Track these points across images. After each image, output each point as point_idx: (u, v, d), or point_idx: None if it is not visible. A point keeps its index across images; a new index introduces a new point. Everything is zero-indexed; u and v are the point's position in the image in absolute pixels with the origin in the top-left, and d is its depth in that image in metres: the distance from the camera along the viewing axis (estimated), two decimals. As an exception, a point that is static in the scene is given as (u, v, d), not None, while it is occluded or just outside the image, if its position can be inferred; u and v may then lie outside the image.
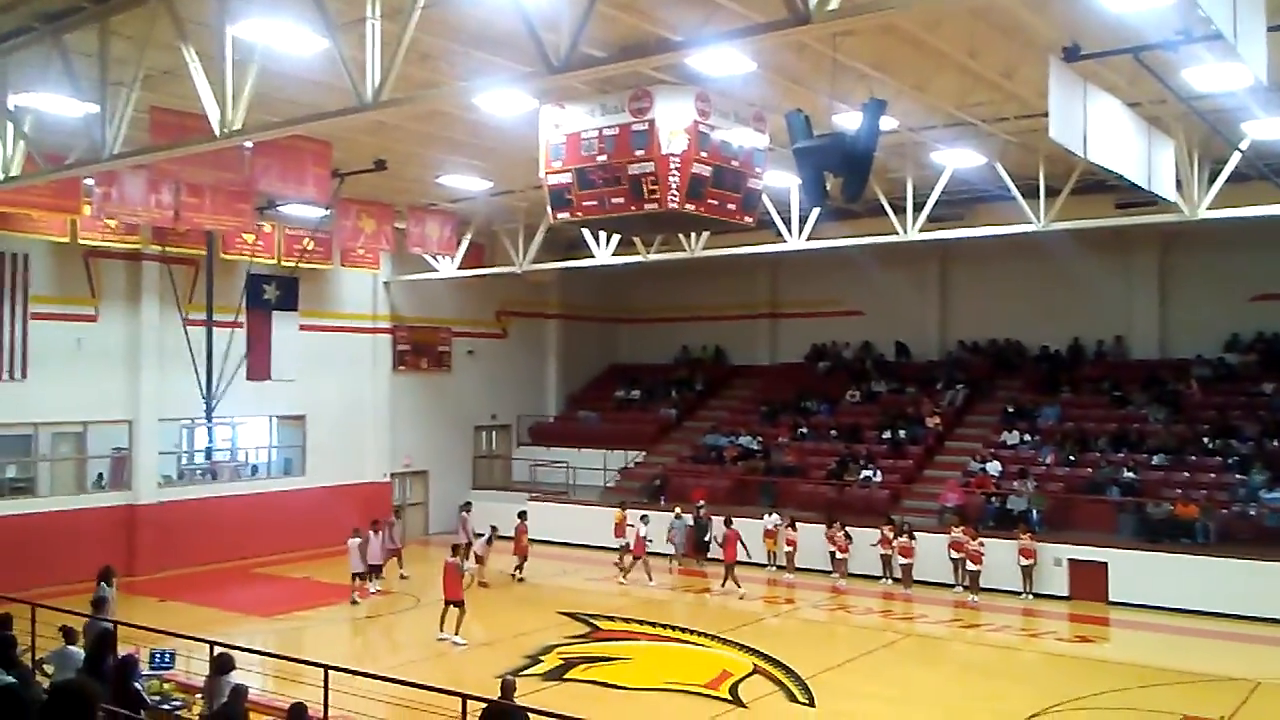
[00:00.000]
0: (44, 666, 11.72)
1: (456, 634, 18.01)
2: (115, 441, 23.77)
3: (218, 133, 12.14)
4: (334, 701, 11.22)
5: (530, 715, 10.47)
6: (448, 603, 18.31)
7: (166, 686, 13.08)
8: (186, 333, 23.45)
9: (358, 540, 21.38)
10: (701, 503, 25.78)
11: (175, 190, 19.03)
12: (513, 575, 23.74)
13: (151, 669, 12.83)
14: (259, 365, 24.94)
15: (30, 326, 21.70)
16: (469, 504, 25.93)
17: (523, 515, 24.44)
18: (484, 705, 10.32)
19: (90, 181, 18.60)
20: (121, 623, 13.57)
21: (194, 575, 22.75)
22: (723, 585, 22.36)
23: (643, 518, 24.07)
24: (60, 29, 12.77)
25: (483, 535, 23.41)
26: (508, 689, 10.63)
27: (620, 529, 25.07)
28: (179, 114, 14.46)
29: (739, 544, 22.68)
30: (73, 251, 22.12)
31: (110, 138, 13.42)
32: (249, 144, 15.65)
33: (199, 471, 25.73)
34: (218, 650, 11.64)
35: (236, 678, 11.12)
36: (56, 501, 22.38)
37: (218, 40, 11.46)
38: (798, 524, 23.99)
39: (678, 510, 25.03)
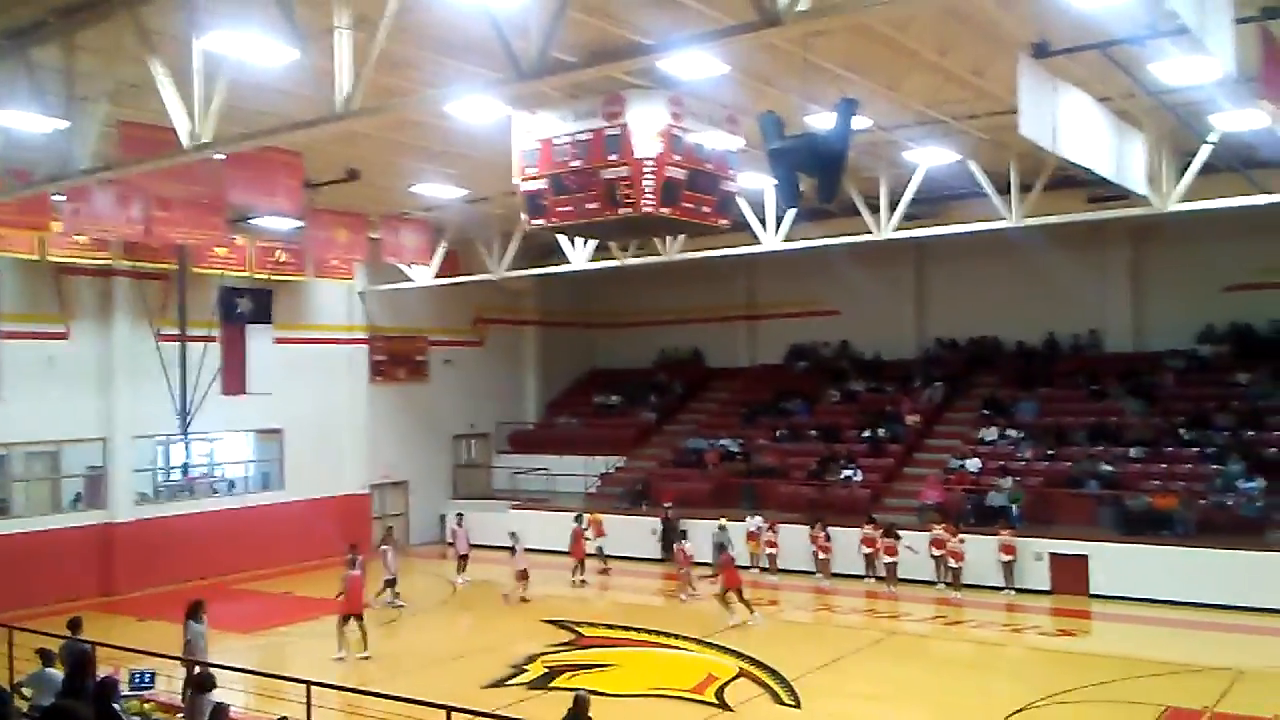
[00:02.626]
0: (22, 690, 11.55)
1: (365, 649, 17.71)
2: (90, 460, 23.53)
3: (187, 146, 12.04)
4: (317, 717, 11.11)
5: None
6: (346, 617, 17.78)
7: (147, 707, 12.92)
8: (159, 348, 23.26)
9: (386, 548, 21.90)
10: (669, 504, 25.80)
11: (145, 204, 18.81)
12: (576, 582, 23.95)
13: (131, 689, 12.66)
14: (234, 379, 24.73)
15: (1, 346, 21.44)
16: (461, 515, 25.76)
17: (579, 519, 24.60)
18: None
19: (59, 197, 18.37)
20: (133, 649, 13.42)
21: (173, 593, 22.43)
22: (734, 618, 19.74)
23: (721, 527, 23.65)
24: (26, 44, 12.63)
25: (512, 547, 22.61)
26: (582, 705, 10.20)
27: (599, 530, 25.22)
28: (148, 128, 14.31)
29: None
30: (42, 269, 21.88)
31: (79, 153, 13.31)
32: (219, 156, 15.49)
33: (176, 488, 25.46)
34: (198, 669, 11.52)
35: (218, 696, 10.99)
36: (32, 522, 22.11)
37: (185, 53, 11.36)
38: (778, 526, 24.03)
39: (721, 523, 23.86)
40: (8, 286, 21.68)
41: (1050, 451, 24.46)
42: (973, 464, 24.61)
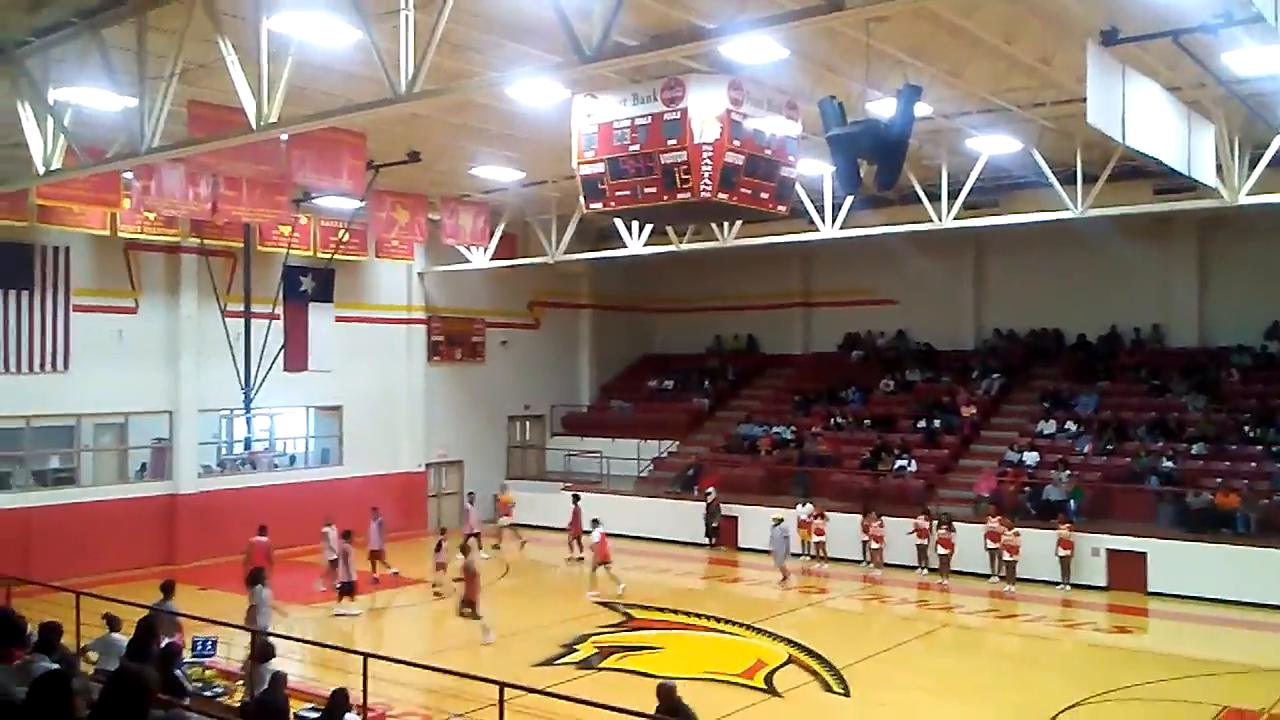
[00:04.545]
0: (88, 653, 11.90)
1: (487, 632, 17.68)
2: (156, 432, 24.11)
3: (254, 125, 12.23)
4: (373, 689, 11.32)
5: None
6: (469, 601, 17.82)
7: (208, 673, 13.24)
8: (225, 324, 23.71)
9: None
10: (711, 490, 25.89)
11: (213, 183, 19.24)
12: (573, 559, 24.52)
13: (193, 656, 13.00)
14: (296, 356, 25.15)
15: (71, 318, 22.02)
16: (472, 494, 26.44)
17: (576, 499, 25.41)
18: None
19: (129, 175, 18.84)
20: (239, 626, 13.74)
21: (234, 564, 22.82)
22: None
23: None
24: (99, 24, 12.92)
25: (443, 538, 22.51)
26: (664, 694, 9.98)
27: (505, 509, 25.97)
28: (216, 107, 14.59)
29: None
30: (112, 244, 22.43)
31: (149, 131, 13.57)
32: (285, 136, 15.76)
33: (238, 461, 26.00)
34: (259, 638, 11.78)
35: (276, 665, 11.25)
36: (99, 491, 22.73)
37: (253, 33, 11.56)
38: (828, 514, 23.97)
39: (778, 518, 23.24)
40: (80, 261, 22.23)
41: (1110, 446, 24.08)
42: (1030, 457, 24.30)
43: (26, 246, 21.35)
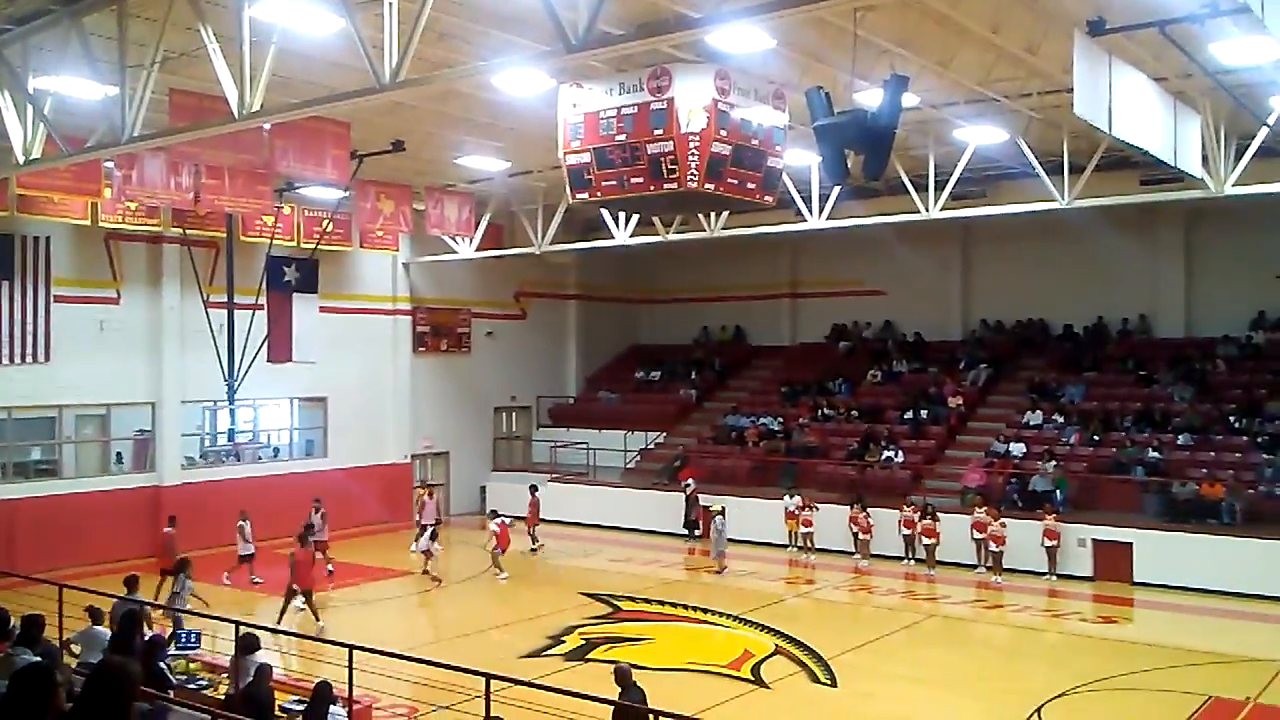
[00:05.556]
0: (71, 646, 11.81)
1: (317, 620, 17.50)
2: (138, 423, 23.95)
3: (236, 114, 12.13)
4: (358, 681, 11.25)
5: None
6: (301, 592, 17.65)
7: (192, 666, 13.17)
8: (208, 315, 23.54)
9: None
10: (689, 482, 25.85)
11: (195, 172, 19.10)
12: (536, 548, 24.51)
13: (178, 648, 12.92)
14: (280, 347, 25.00)
15: (53, 309, 21.83)
16: (432, 486, 26.62)
17: (534, 489, 25.48)
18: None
19: (110, 164, 18.66)
20: (170, 608, 13.68)
21: (217, 556, 22.79)
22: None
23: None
24: (79, 11, 12.78)
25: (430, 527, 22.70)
26: (621, 677, 10.22)
27: (422, 510, 24.91)
28: (198, 96, 14.47)
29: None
30: (94, 234, 22.23)
31: (130, 120, 13.43)
32: (268, 125, 15.63)
33: (222, 453, 25.85)
34: (243, 630, 11.71)
35: (261, 657, 11.18)
36: (81, 483, 22.58)
37: (235, 21, 11.44)
38: (816, 505, 23.96)
39: (718, 509, 23.57)
40: (60, 251, 22.02)
41: (1096, 437, 24.14)
42: (1017, 448, 24.34)
43: (6, 236, 21.12)
